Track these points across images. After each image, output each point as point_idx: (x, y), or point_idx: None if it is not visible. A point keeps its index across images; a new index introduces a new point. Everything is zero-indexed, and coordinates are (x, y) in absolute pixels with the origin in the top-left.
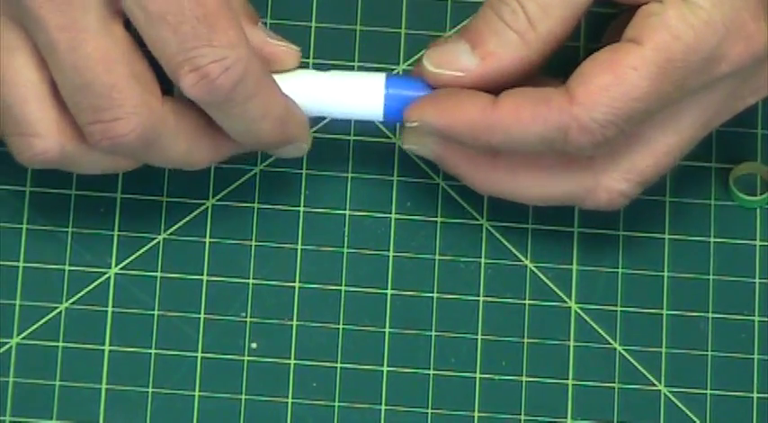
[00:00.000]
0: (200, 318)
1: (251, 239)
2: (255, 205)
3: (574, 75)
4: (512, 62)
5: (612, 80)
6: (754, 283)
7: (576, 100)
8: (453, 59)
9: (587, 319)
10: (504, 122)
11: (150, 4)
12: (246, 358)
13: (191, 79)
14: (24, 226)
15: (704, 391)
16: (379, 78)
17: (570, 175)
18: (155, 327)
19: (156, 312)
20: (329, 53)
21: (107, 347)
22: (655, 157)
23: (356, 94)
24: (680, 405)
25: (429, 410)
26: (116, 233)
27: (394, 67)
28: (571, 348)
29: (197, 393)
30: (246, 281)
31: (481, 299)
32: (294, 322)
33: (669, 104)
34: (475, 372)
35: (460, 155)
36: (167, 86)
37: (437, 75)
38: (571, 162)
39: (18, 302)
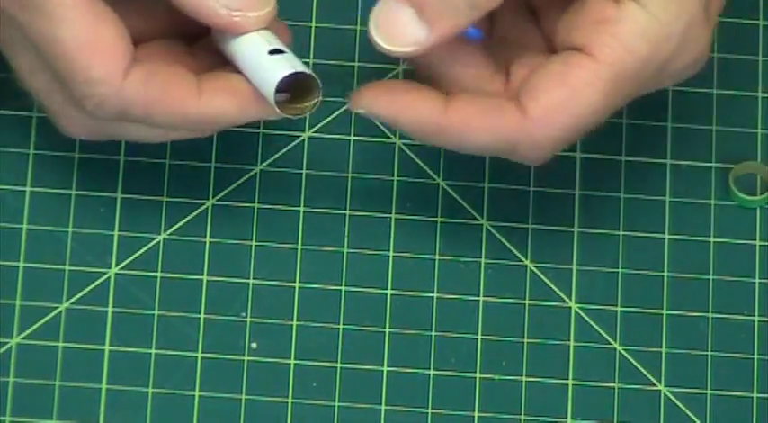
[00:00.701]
0: (200, 318)
1: (251, 239)
2: (255, 205)
3: (525, 86)
4: (464, 26)
5: (566, 96)
6: (754, 283)
7: (529, 116)
8: (403, 33)
9: (587, 319)
10: (454, 129)
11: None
12: (246, 358)
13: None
14: (24, 226)
15: (704, 391)
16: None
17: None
18: (155, 327)
19: (156, 312)
20: (329, 53)
21: (107, 347)
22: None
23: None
24: (680, 405)
25: (429, 410)
26: (116, 233)
27: (394, 68)
28: (571, 348)
29: (197, 393)
30: (246, 281)
31: (481, 299)
32: (294, 322)
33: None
34: (475, 372)
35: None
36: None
37: (389, 51)
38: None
39: (18, 302)
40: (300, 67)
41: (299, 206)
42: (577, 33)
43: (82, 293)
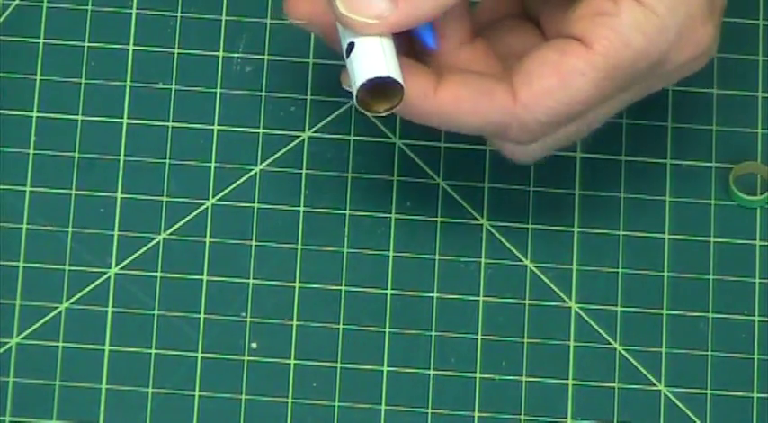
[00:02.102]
0: (200, 318)
1: (251, 239)
2: (255, 205)
3: (518, 70)
4: (429, 14)
5: (558, 84)
6: (754, 283)
7: (520, 101)
8: (366, 3)
9: (587, 319)
10: (444, 111)
11: None
12: (246, 358)
13: None
14: (24, 226)
15: (704, 391)
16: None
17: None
18: (155, 327)
19: (156, 312)
20: (329, 53)
21: (107, 347)
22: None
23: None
24: (680, 405)
25: (429, 410)
26: (116, 233)
27: None
28: (571, 348)
29: (197, 393)
30: (246, 281)
31: (481, 299)
32: (294, 322)
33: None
34: (475, 372)
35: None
36: None
37: (348, 19)
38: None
39: (18, 302)
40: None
41: (299, 206)
42: (575, 25)
43: (82, 293)
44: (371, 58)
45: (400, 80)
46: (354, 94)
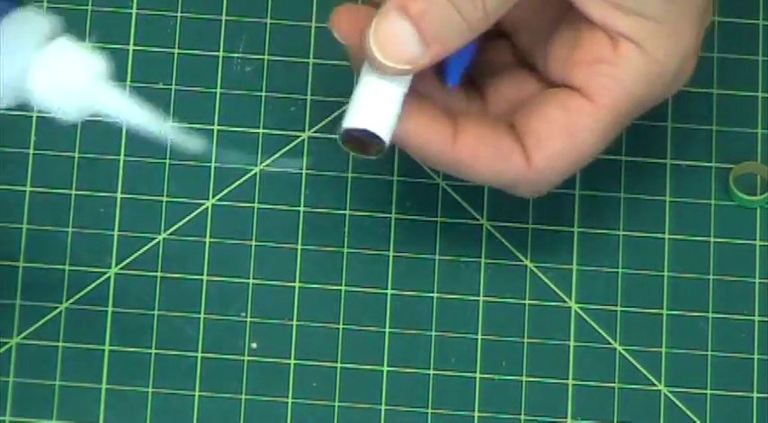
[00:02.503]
0: (200, 318)
1: (251, 239)
2: (255, 205)
3: (529, 132)
4: (456, 48)
5: (569, 144)
6: (754, 283)
7: (534, 165)
8: (400, 49)
9: (587, 319)
10: (460, 161)
11: None
12: (246, 358)
13: None
14: (24, 226)
15: (704, 391)
16: None
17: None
18: (155, 327)
19: (156, 312)
20: (330, 53)
21: (107, 347)
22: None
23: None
24: (680, 405)
25: (429, 410)
26: (116, 233)
27: None
28: (571, 348)
29: (197, 393)
30: (246, 281)
31: (481, 299)
32: (294, 322)
33: None
34: (475, 372)
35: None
36: None
37: (384, 66)
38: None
39: (18, 302)
40: (357, 125)
41: (299, 206)
42: (573, 72)
43: (82, 293)
44: (375, 106)
45: (386, 137)
46: (339, 131)
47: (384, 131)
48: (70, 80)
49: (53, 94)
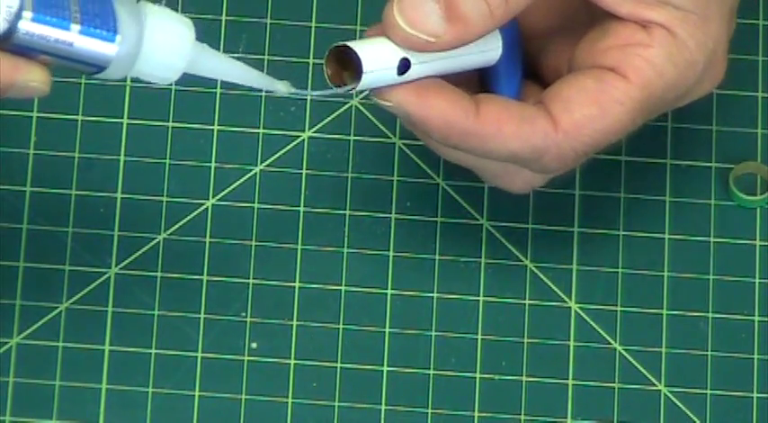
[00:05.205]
0: (200, 318)
1: (251, 239)
2: (255, 205)
3: (557, 98)
4: (476, 34)
5: (598, 113)
6: (754, 283)
7: (561, 128)
8: (425, 20)
9: (587, 319)
10: (485, 132)
11: None
12: (246, 358)
13: None
14: (24, 226)
15: (704, 391)
16: None
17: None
18: (155, 327)
19: (156, 312)
20: None
21: (107, 347)
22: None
23: None
24: (680, 405)
25: (429, 410)
26: (116, 233)
27: None
28: (571, 348)
29: (197, 393)
30: (246, 281)
31: (481, 299)
32: (294, 322)
33: None
34: (475, 372)
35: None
36: None
37: (408, 35)
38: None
39: (18, 302)
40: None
41: (299, 206)
42: (605, 55)
43: (82, 293)
44: (379, 50)
45: (366, 71)
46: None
47: (369, 64)
48: (179, 43)
49: (162, 58)
